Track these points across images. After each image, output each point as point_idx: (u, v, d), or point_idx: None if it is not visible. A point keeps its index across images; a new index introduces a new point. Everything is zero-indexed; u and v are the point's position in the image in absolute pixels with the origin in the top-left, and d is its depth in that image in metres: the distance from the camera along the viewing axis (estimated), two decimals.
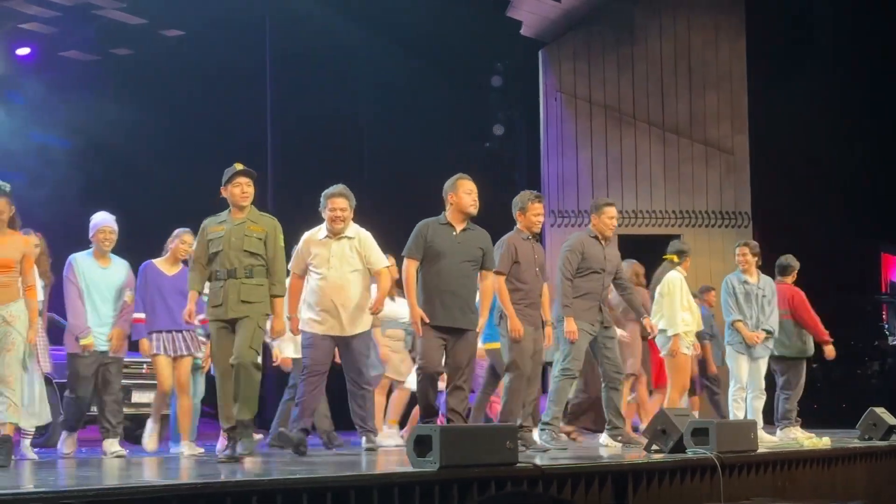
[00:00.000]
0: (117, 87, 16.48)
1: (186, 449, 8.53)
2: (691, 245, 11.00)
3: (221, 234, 7.41)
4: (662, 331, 9.62)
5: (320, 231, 8.06)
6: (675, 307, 9.65)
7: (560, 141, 15.56)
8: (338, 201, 7.96)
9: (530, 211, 8.33)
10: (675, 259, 9.98)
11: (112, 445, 8.29)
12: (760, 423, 9.66)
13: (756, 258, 10.12)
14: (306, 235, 8.11)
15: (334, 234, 7.98)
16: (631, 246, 12.34)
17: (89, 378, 8.33)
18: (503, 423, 7.77)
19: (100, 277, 8.38)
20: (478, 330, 7.83)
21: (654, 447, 7.63)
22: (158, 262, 8.76)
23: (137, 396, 10.58)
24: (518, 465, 6.03)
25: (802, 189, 16.17)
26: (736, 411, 9.81)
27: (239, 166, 7.48)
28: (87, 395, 8.37)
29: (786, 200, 16.05)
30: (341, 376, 8.25)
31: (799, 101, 15.79)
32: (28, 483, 5.67)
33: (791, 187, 16.13)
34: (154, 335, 8.61)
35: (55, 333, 11.70)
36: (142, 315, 8.58)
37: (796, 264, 10.76)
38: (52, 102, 16.73)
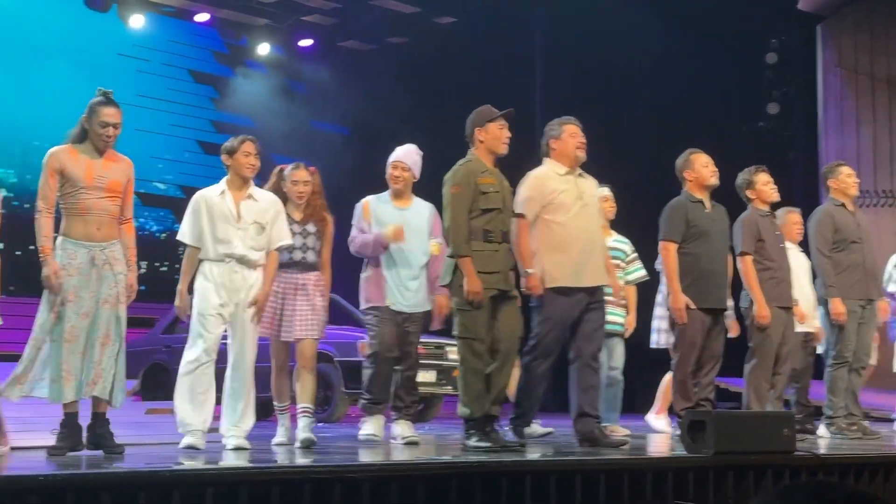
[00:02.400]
0: (392, 75, 16.97)
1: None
2: None
3: (497, 191, 6.39)
4: None
5: None
6: None
7: (840, 118, 14.96)
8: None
9: (759, 182, 7.97)
10: None
11: (404, 428, 7.24)
12: None
13: None
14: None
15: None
16: None
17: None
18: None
19: (397, 221, 7.34)
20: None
21: None
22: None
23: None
24: (796, 453, 5.88)
25: None
26: None
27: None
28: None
29: None
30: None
31: None
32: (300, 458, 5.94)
33: None
34: None
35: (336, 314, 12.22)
36: None
37: None
38: (331, 91, 17.45)
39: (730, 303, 7.88)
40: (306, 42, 17.61)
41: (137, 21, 16.15)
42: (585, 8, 14.84)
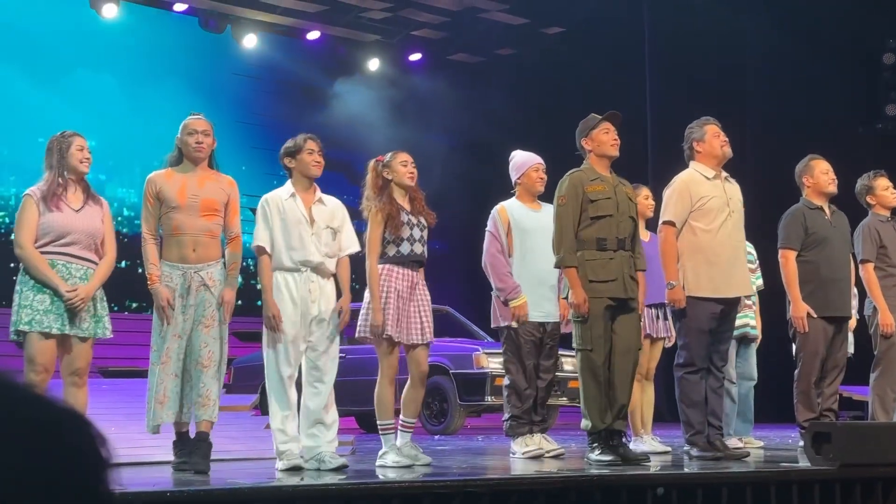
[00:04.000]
0: (502, 87, 17.01)
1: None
2: None
3: (609, 197, 6.24)
4: None
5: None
6: None
7: None
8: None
9: (878, 187, 7.79)
10: None
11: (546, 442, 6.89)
12: None
13: None
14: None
15: None
16: None
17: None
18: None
19: (534, 225, 7.01)
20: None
21: None
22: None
23: None
24: None
25: None
26: None
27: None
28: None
29: None
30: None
31: None
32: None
33: None
34: None
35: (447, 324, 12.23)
36: None
37: None
38: (440, 104, 17.55)
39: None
40: (416, 56, 17.76)
41: (251, 41, 16.47)
42: (694, 13, 14.69)
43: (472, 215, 9.60)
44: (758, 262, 8.49)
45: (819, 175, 7.32)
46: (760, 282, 8.53)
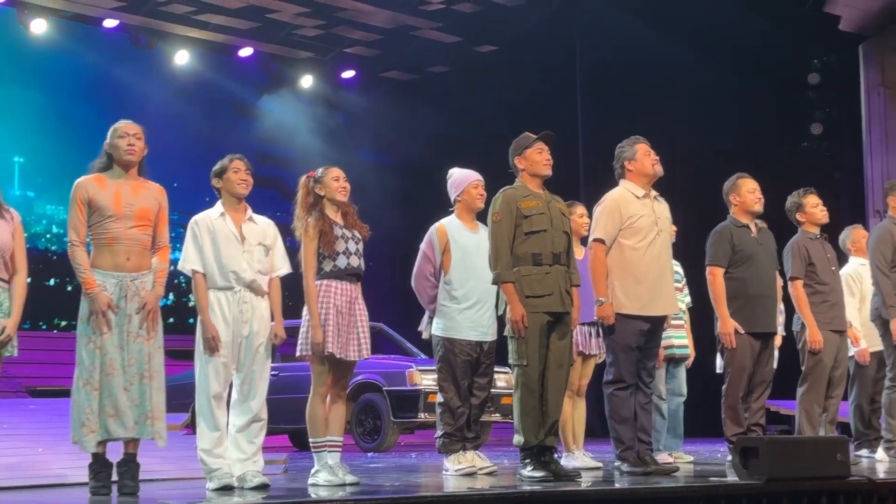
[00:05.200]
0: (435, 104, 17.08)
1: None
2: None
3: (543, 212, 6.29)
4: None
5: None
6: None
7: (884, 137, 14.82)
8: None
9: (808, 205, 7.92)
10: None
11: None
12: None
13: None
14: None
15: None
16: None
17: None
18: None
19: (473, 244, 7.00)
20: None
21: None
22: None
23: None
24: (851, 478, 5.84)
25: None
26: None
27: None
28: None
29: None
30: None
31: None
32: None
33: None
34: None
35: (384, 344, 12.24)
36: None
37: None
38: (373, 121, 17.59)
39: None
40: (349, 73, 17.78)
41: (182, 57, 16.39)
42: (625, 34, 14.88)
43: (404, 232, 9.63)
44: (685, 280, 8.59)
45: (746, 194, 7.43)
46: (689, 300, 8.64)
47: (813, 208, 7.94)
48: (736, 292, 7.27)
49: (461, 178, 7.13)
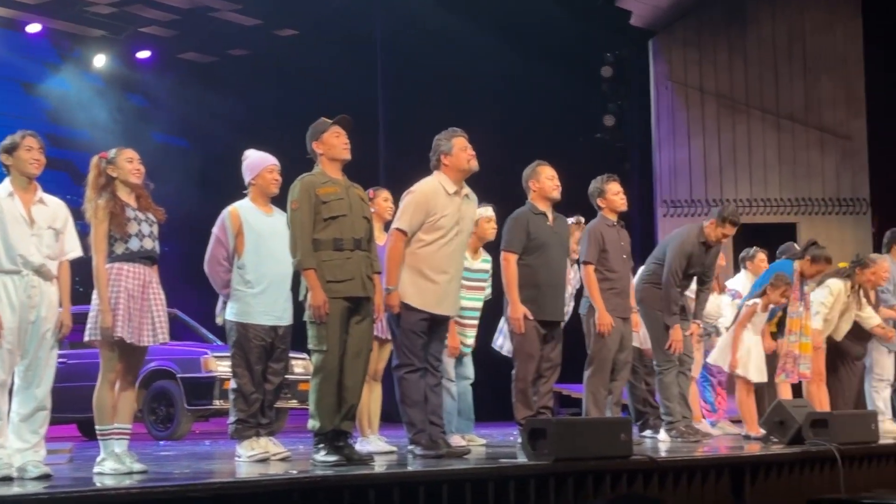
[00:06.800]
0: (234, 87, 16.84)
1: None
2: (809, 233, 10.76)
3: (342, 198, 6.30)
4: None
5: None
6: None
7: (672, 130, 15.46)
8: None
9: (609, 192, 8.16)
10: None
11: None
12: (889, 414, 9.47)
13: None
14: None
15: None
16: (748, 235, 12.19)
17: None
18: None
19: (268, 228, 6.87)
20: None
21: (773, 439, 7.57)
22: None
23: None
24: (632, 457, 6.05)
25: None
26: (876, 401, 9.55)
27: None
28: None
29: None
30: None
31: None
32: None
33: None
34: None
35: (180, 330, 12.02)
36: None
37: None
38: (171, 103, 17.21)
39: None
40: (144, 54, 17.32)
41: None
42: (425, 21, 14.99)
43: (202, 216, 9.42)
44: (490, 273, 8.53)
45: (545, 180, 7.58)
46: (489, 292, 8.60)
47: (614, 195, 8.15)
48: (527, 279, 7.41)
49: (256, 162, 7.01)
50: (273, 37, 16.99)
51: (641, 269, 8.76)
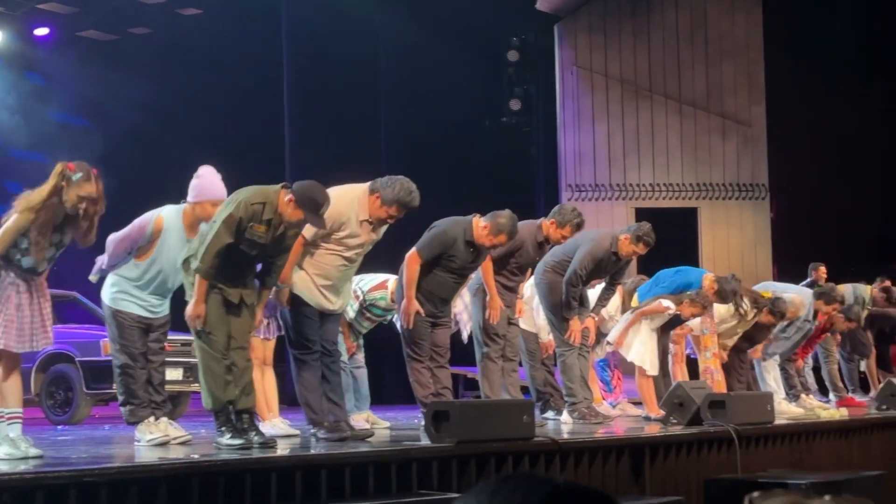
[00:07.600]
0: (136, 66, 16.55)
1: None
2: (710, 218, 10.95)
3: (262, 240, 6.25)
4: None
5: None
6: None
7: (576, 115, 15.56)
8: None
9: (565, 230, 8.23)
10: None
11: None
12: (782, 394, 9.70)
13: None
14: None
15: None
16: (648, 219, 12.32)
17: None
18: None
19: (178, 247, 6.72)
20: None
21: (672, 420, 7.69)
22: None
23: None
24: (535, 439, 6.10)
25: (819, 160, 16.15)
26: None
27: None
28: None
29: (803, 172, 16.03)
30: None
31: (816, 70, 15.76)
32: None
33: (808, 158, 16.10)
34: None
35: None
36: None
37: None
38: (71, 82, 16.84)
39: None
40: (42, 31, 16.92)
41: None
42: (329, 4, 14.90)
43: (106, 198, 9.25)
44: None
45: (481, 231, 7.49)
46: None
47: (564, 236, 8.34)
48: (429, 287, 7.46)
49: (205, 188, 6.71)
50: (176, 15, 16.73)
51: (547, 256, 8.74)
